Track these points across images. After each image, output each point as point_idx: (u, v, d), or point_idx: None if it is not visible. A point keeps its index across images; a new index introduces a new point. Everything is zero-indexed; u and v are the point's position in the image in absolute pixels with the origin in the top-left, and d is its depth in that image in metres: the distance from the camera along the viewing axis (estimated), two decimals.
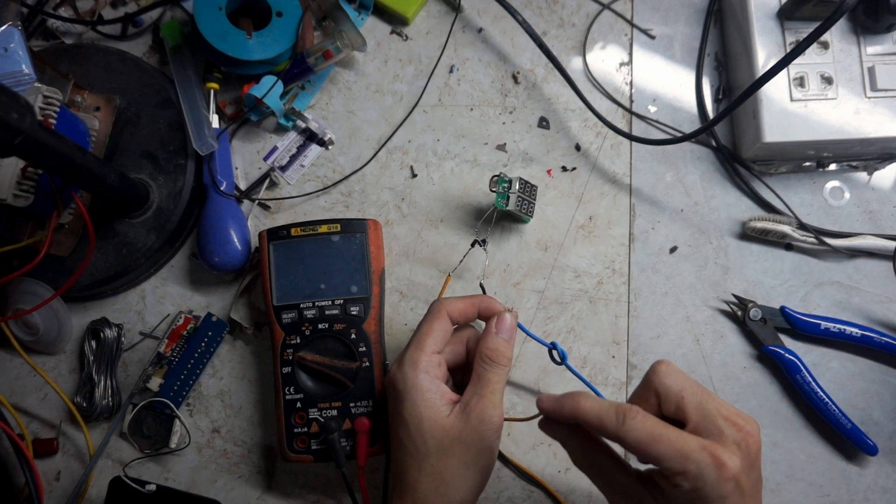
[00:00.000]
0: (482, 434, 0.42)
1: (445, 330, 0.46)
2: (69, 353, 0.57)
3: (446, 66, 0.60)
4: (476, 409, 0.42)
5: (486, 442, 0.43)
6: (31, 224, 0.54)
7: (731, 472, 0.35)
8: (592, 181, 0.58)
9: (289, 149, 0.59)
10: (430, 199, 0.58)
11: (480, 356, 0.44)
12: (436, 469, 0.42)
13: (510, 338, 0.45)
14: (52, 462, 0.56)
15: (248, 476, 0.55)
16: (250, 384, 0.56)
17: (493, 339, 0.45)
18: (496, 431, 0.43)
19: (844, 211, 0.57)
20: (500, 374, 0.44)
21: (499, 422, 0.43)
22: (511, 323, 0.46)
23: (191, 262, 0.58)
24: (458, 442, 0.42)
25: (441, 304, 0.46)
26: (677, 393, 0.38)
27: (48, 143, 0.41)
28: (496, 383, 0.44)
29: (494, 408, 0.43)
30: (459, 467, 0.42)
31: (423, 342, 0.45)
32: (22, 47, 0.54)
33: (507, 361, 0.44)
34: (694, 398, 0.37)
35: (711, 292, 0.56)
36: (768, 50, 0.54)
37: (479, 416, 0.42)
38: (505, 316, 0.46)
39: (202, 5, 0.56)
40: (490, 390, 0.43)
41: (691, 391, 0.38)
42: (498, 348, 0.44)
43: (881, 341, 0.53)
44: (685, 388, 0.38)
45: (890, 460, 0.53)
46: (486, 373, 0.44)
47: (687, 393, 0.37)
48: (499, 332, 0.45)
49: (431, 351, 0.45)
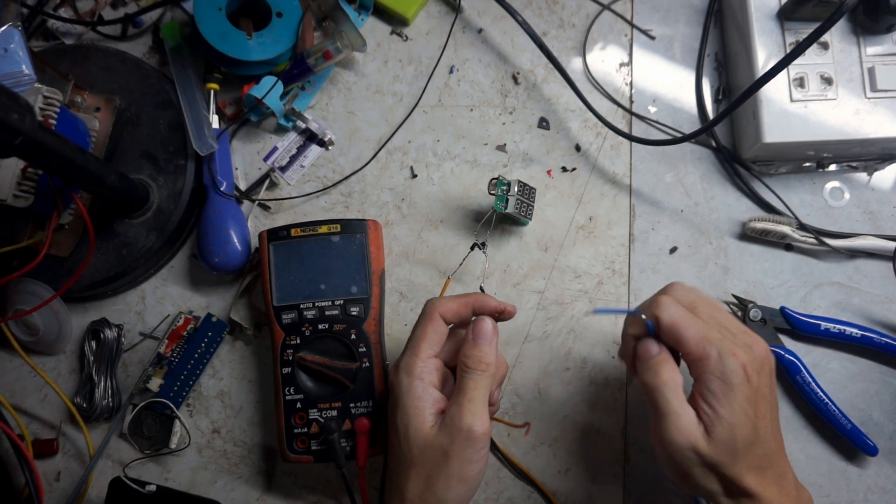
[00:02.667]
0: (462, 445, 0.41)
1: (440, 332, 0.45)
2: (69, 354, 0.57)
3: (446, 66, 0.60)
4: (455, 419, 0.41)
5: (469, 453, 0.41)
6: (31, 224, 0.54)
7: (741, 359, 0.39)
8: (592, 182, 0.58)
9: (289, 149, 0.59)
10: (430, 199, 0.58)
11: (459, 364, 0.44)
12: (421, 476, 0.42)
13: (489, 342, 0.44)
14: (52, 462, 0.56)
15: (248, 476, 0.55)
16: (250, 384, 0.56)
17: (469, 346, 0.44)
18: (477, 441, 0.41)
19: (844, 211, 0.57)
20: (479, 380, 0.43)
21: (479, 431, 0.41)
22: (489, 326, 0.44)
23: (191, 263, 0.58)
24: (440, 452, 0.41)
25: (433, 306, 0.45)
26: (690, 303, 0.41)
27: (48, 144, 0.41)
28: (474, 390, 0.42)
29: (474, 416, 0.41)
30: (442, 477, 0.41)
31: (418, 347, 0.44)
32: (22, 48, 0.54)
33: (486, 367, 0.43)
34: (706, 309, 0.41)
35: (711, 293, 0.56)
36: (768, 50, 0.54)
37: (457, 427, 0.41)
38: (483, 320, 0.45)
39: (202, 6, 0.56)
40: (468, 398, 0.42)
41: (704, 303, 0.42)
42: (474, 354, 0.43)
43: (881, 342, 0.53)
44: (697, 300, 0.42)
45: (890, 461, 0.53)
46: (465, 380, 0.43)
47: (700, 304, 0.41)
48: (475, 336, 0.44)
49: (427, 356, 0.44)
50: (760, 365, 0.40)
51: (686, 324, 0.40)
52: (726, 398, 0.38)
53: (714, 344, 0.39)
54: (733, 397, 0.38)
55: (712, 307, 0.42)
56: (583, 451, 0.54)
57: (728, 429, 0.38)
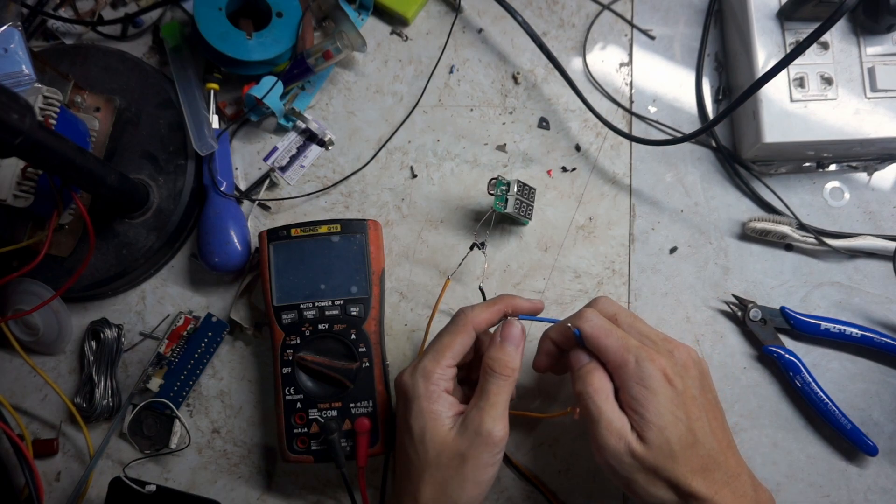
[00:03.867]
0: (481, 449, 0.41)
1: (466, 344, 0.44)
2: (69, 354, 0.57)
3: (446, 66, 0.60)
4: (475, 422, 0.41)
5: (486, 457, 0.41)
6: (31, 225, 0.54)
7: (661, 367, 0.40)
8: (592, 182, 0.58)
9: (289, 149, 0.59)
10: (430, 199, 0.58)
11: (483, 366, 0.43)
12: (436, 480, 0.42)
13: (517, 346, 0.44)
14: (52, 462, 0.56)
15: (248, 476, 0.55)
16: (250, 385, 0.56)
17: (496, 349, 0.43)
18: (496, 446, 0.41)
19: (844, 211, 0.57)
20: (502, 385, 0.42)
21: (498, 436, 0.41)
22: (518, 330, 0.44)
23: (191, 263, 0.58)
24: (458, 456, 0.41)
25: (467, 317, 0.45)
26: (611, 315, 0.43)
27: (48, 144, 0.41)
28: (497, 395, 0.42)
29: (495, 422, 0.41)
30: (458, 480, 0.41)
31: (442, 355, 0.44)
32: (22, 48, 0.54)
33: (511, 372, 0.43)
34: (626, 319, 0.43)
35: (711, 293, 0.56)
36: (768, 50, 0.54)
37: (476, 430, 0.41)
38: (513, 323, 0.44)
39: (202, 6, 0.56)
40: (490, 403, 0.42)
41: (625, 314, 0.44)
42: (501, 358, 0.43)
43: (881, 342, 0.53)
44: (619, 312, 0.44)
45: (890, 461, 0.53)
46: (488, 384, 0.43)
47: (621, 315, 0.43)
48: (503, 340, 0.44)
49: (447, 365, 0.44)
50: (683, 368, 0.41)
51: (605, 333, 0.41)
52: (649, 402, 0.40)
53: (632, 351, 0.41)
54: (656, 401, 0.39)
55: (632, 318, 0.44)
56: (583, 451, 0.54)
57: (658, 432, 0.39)
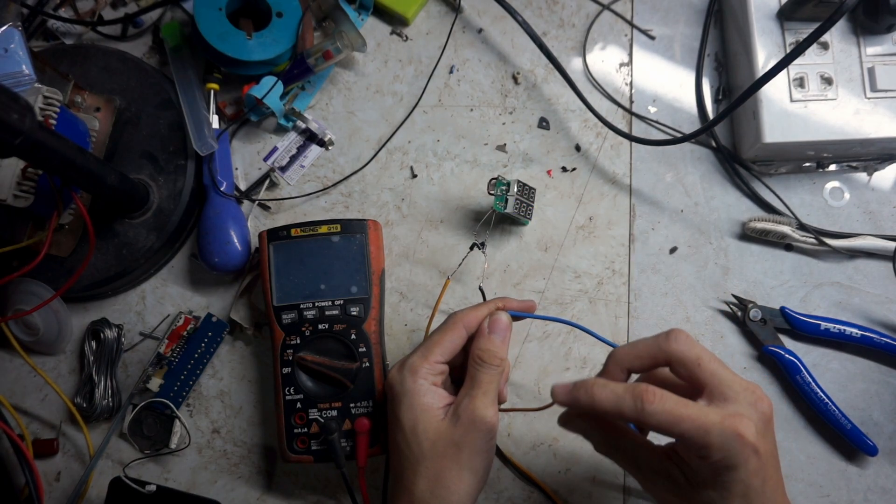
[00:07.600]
0: (475, 436, 0.42)
1: (456, 342, 0.45)
2: (69, 354, 0.57)
3: (446, 66, 0.60)
4: (467, 410, 0.42)
5: (480, 444, 0.42)
6: (31, 225, 0.54)
7: (750, 440, 0.36)
8: (592, 182, 0.58)
9: (289, 149, 0.59)
10: (430, 199, 0.58)
11: (472, 356, 0.44)
12: (431, 471, 0.42)
13: (503, 337, 0.45)
14: (52, 462, 0.56)
15: (248, 476, 0.55)
16: (250, 385, 0.56)
17: (484, 339, 0.45)
18: (489, 432, 0.42)
19: (844, 211, 0.57)
20: (492, 374, 0.44)
21: (491, 422, 0.42)
22: (504, 322, 0.45)
23: (191, 263, 0.58)
24: (452, 444, 0.42)
25: (458, 318, 0.46)
26: (693, 360, 0.39)
27: (48, 144, 0.41)
28: (487, 384, 0.43)
29: (486, 408, 0.42)
30: (454, 469, 0.42)
31: (430, 351, 0.45)
32: (22, 48, 0.54)
33: (500, 362, 0.44)
34: (710, 365, 0.39)
35: (711, 293, 0.56)
36: (768, 50, 0.54)
37: (470, 418, 0.42)
38: (500, 315, 0.45)
39: (202, 6, 0.56)
40: (481, 391, 0.43)
41: (707, 359, 0.39)
42: (489, 348, 0.44)
43: (881, 342, 0.53)
44: (702, 356, 0.39)
45: (890, 461, 0.53)
46: (478, 373, 0.44)
47: (703, 361, 0.39)
48: (491, 331, 0.45)
49: (435, 361, 0.44)
50: (766, 425, 0.38)
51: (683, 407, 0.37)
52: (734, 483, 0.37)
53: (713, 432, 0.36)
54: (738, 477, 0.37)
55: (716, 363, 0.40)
56: (583, 451, 0.54)
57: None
